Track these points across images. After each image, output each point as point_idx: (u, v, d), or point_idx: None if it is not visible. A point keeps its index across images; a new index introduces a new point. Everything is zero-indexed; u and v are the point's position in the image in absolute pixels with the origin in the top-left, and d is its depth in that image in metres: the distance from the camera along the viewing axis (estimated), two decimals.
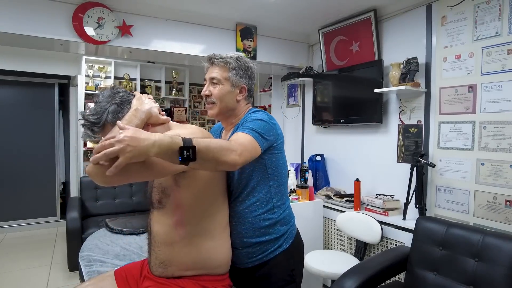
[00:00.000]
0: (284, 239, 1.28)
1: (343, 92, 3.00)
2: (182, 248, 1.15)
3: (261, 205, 1.25)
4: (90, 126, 1.10)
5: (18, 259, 3.44)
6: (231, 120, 1.35)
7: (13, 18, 2.29)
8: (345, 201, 2.70)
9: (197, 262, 1.16)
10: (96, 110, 1.10)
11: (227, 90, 1.28)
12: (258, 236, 1.24)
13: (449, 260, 1.74)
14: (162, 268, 1.17)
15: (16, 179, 4.39)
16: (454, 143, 2.17)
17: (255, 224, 1.24)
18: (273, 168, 1.26)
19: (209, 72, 1.31)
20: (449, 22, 2.19)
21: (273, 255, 1.25)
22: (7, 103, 4.35)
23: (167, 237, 1.16)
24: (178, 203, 1.13)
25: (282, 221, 1.29)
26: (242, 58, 1.32)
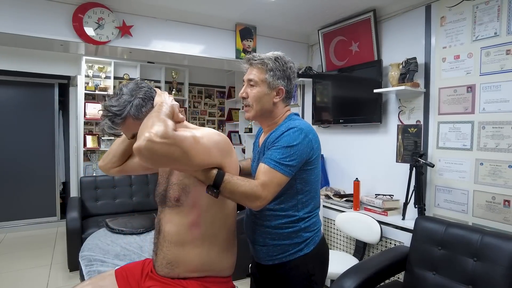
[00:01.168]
0: (305, 244, 1.25)
1: (343, 92, 3.01)
2: (193, 249, 1.15)
3: (287, 216, 1.23)
4: (111, 118, 1.09)
5: (18, 259, 3.44)
6: (268, 123, 1.32)
7: (13, 19, 2.29)
8: (344, 201, 2.71)
9: (205, 264, 1.17)
10: (119, 102, 1.09)
11: (264, 92, 1.25)
12: (280, 239, 1.24)
13: (448, 260, 1.75)
14: (168, 269, 1.17)
15: (16, 179, 4.39)
16: (453, 143, 2.18)
17: (279, 229, 1.24)
18: (303, 183, 1.23)
19: (247, 74, 1.29)
20: (448, 23, 2.19)
21: (292, 257, 1.24)
22: (7, 103, 4.35)
23: (179, 237, 1.15)
24: (195, 203, 1.13)
25: (307, 229, 1.26)
26: (281, 58, 1.28)
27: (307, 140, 1.19)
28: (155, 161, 0.92)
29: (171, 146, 0.90)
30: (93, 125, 4.16)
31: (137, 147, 0.89)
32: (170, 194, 1.17)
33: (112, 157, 1.32)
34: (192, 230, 1.15)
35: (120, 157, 1.32)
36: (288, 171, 1.13)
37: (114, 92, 1.17)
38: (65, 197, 4.73)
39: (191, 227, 1.14)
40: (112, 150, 1.33)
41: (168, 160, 0.93)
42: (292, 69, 1.31)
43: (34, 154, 4.49)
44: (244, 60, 1.31)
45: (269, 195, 1.09)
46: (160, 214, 1.22)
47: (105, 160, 1.34)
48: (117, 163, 1.33)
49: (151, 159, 0.91)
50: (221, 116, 5.35)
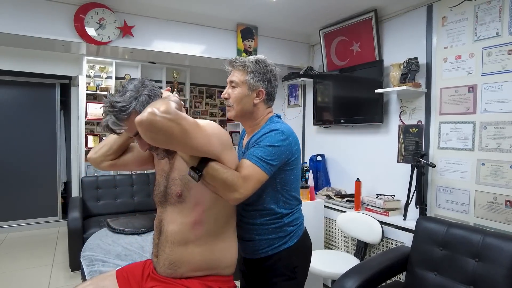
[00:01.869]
0: (289, 237, 1.32)
1: (344, 92, 3.01)
2: (196, 248, 1.15)
3: (271, 213, 1.30)
4: (116, 113, 1.07)
5: (20, 258, 3.45)
6: (250, 123, 1.36)
7: (15, 19, 2.30)
8: (345, 201, 2.71)
9: (208, 262, 1.17)
10: (124, 98, 1.08)
11: (244, 93, 1.30)
12: (266, 234, 1.30)
13: (450, 260, 1.74)
14: (171, 269, 1.16)
15: (17, 179, 4.40)
16: (455, 143, 2.18)
17: (264, 225, 1.30)
18: (283, 183, 1.29)
19: (230, 76, 1.34)
20: (450, 23, 2.19)
21: (278, 250, 1.30)
22: (9, 103, 4.36)
23: (182, 236, 1.14)
24: (198, 199, 1.13)
25: (290, 224, 1.33)
26: (262, 61, 1.32)
27: (287, 142, 1.23)
28: (154, 134, 0.92)
29: (171, 121, 0.91)
30: (94, 125, 4.17)
31: (139, 118, 0.91)
32: (171, 190, 1.16)
33: (108, 149, 1.28)
34: (195, 229, 1.14)
35: (115, 150, 1.28)
36: (268, 169, 1.17)
37: (116, 89, 1.16)
38: (66, 197, 4.74)
39: (194, 225, 1.14)
40: (108, 143, 1.28)
41: (166, 135, 0.92)
42: (273, 72, 1.35)
43: (36, 154, 4.50)
44: (226, 63, 1.36)
45: (248, 190, 1.11)
46: (161, 215, 1.21)
47: (98, 152, 1.28)
48: (111, 157, 1.29)
49: (150, 132, 0.91)
50: (222, 116, 5.36)
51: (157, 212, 1.24)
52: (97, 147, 1.30)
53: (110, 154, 1.28)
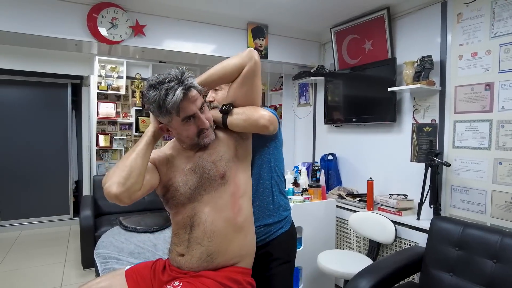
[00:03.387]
0: (285, 222, 1.41)
1: (356, 91, 2.98)
2: (235, 236, 1.17)
3: (267, 191, 1.37)
4: (191, 85, 1.15)
5: (33, 256, 3.50)
6: None
7: (29, 19, 2.33)
8: (357, 200, 2.68)
9: (242, 249, 1.19)
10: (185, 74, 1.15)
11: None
12: (264, 219, 1.36)
13: (466, 261, 1.71)
14: (207, 262, 1.14)
15: (30, 177, 4.47)
16: (470, 142, 2.14)
17: (262, 207, 1.36)
18: (275, 158, 1.40)
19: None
20: (465, 19, 2.15)
21: (275, 235, 1.37)
22: (22, 103, 4.43)
23: (224, 224, 1.14)
24: (236, 181, 1.19)
25: (284, 207, 1.42)
26: None
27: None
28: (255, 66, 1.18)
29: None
30: (105, 124, 4.20)
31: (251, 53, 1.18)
32: (214, 172, 1.16)
33: (138, 175, 1.06)
34: (235, 216, 1.17)
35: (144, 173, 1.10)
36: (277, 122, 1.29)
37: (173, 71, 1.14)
38: (77, 196, 4.79)
39: (233, 212, 1.17)
40: (136, 167, 1.06)
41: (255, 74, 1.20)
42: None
43: (48, 153, 4.56)
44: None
45: (269, 112, 1.23)
46: (192, 211, 1.17)
47: (126, 183, 1.03)
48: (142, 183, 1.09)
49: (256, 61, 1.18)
50: None
51: (183, 211, 1.19)
52: (117, 177, 1.03)
53: (141, 181, 1.08)
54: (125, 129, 4.32)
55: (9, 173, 4.36)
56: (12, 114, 4.36)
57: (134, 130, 4.28)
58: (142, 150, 1.10)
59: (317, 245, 2.48)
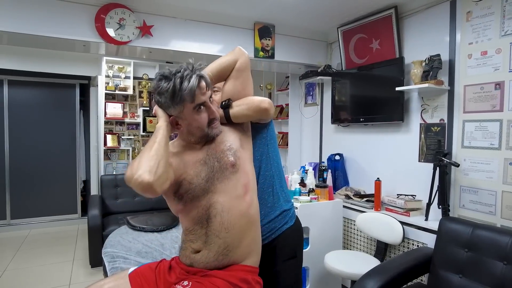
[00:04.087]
0: (289, 217, 1.38)
1: (363, 91, 2.96)
2: (249, 227, 1.18)
3: (267, 183, 1.37)
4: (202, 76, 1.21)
5: (42, 254, 3.54)
6: None
7: (38, 21, 2.36)
8: (365, 201, 2.67)
9: (253, 243, 1.20)
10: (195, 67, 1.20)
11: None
12: (266, 215, 1.34)
13: (475, 263, 1.69)
14: (222, 256, 1.14)
15: (39, 177, 4.52)
16: (480, 142, 2.11)
17: (263, 199, 1.34)
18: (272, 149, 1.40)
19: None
20: (475, 18, 2.13)
21: (280, 231, 1.35)
22: (31, 103, 4.48)
23: (240, 214, 1.15)
24: (245, 170, 1.21)
25: (285, 198, 1.40)
26: None
27: None
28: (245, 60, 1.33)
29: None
30: (113, 124, 4.23)
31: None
32: (224, 161, 1.18)
33: (165, 164, 1.04)
34: (248, 209, 1.19)
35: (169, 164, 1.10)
36: None
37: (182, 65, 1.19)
38: (85, 195, 4.83)
39: (245, 196, 1.19)
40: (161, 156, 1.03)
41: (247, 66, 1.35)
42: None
43: (56, 153, 4.61)
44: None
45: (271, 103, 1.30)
46: (207, 203, 1.16)
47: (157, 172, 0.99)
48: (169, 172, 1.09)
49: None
50: None
51: (198, 204, 1.17)
52: (147, 166, 0.99)
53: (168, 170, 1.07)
54: (132, 129, 4.35)
55: (18, 173, 4.42)
56: (22, 114, 4.42)
57: (142, 130, 4.31)
58: (163, 140, 1.08)
59: (324, 245, 2.47)
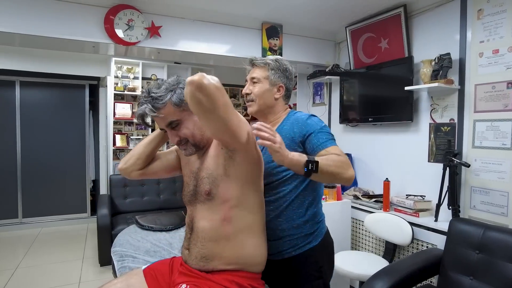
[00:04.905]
0: (313, 237, 1.32)
1: (372, 90, 2.94)
2: (227, 244, 1.16)
3: (298, 202, 1.31)
4: (153, 102, 1.13)
5: (53, 252, 3.59)
6: (270, 118, 1.41)
7: (49, 23, 2.39)
8: (373, 201, 2.65)
9: (240, 258, 1.17)
10: (160, 89, 1.15)
11: (266, 88, 1.37)
12: (290, 230, 1.30)
13: (487, 265, 1.67)
14: (203, 262, 1.18)
15: (49, 177, 4.58)
16: (491, 142, 2.08)
17: (290, 219, 1.30)
18: None
19: (250, 73, 1.41)
20: (486, 16, 2.09)
21: (302, 250, 1.30)
22: (41, 104, 4.55)
23: (214, 233, 1.17)
24: (225, 196, 1.15)
25: (314, 220, 1.34)
26: (281, 60, 1.41)
27: None
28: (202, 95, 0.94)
29: (218, 90, 0.96)
30: (122, 124, 4.27)
31: (191, 78, 0.95)
32: (200, 189, 1.19)
33: (136, 159, 1.33)
34: (224, 225, 1.16)
35: (145, 159, 1.34)
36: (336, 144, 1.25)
37: (152, 84, 1.20)
38: (94, 195, 4.89)
39: (223, 222, 1.16)
40: (136, 152, 1.34)
41: (210, 101, 0.94)
42: (290, 71, 1.44)
43: (66, 152, 4.67)
44: (247, 62, 1.43)
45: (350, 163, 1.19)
46: (191, 213, 1.25)
47: (127, 162, 1.34)
48: (141, 166, 1.34)
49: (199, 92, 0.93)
50: (246, 115, 5.37)
51: (187, 211, 1.28)
52: (126, 157, 1.36)
53: (140, 163, 1.34)
54: (141, 129, 4.38)
55: (30, 172, 4.48)
56: (33, 114, 4.49)
57: (150, 130, 4.34)
58: (144, 141, 1.35)
59: None
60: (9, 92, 4.37)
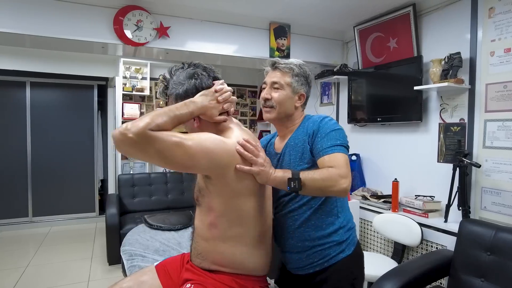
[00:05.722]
0: (346, 245, 1.23)
1: (380, 90, 2.92)
2: (216, 246, 1.17)
3: (325, 209, 1.23)
4: (163, 88, 1.21)
5: (62, 251, 3.63)
6: (287, 126, 1.33)
7: (59, 24, 2.42)
8: (382, 202, 2.63)
9: (232, 263, 1.17)
10: (174, 80, 1.19)
11: (288, 96, 1.28)
12: (320, 239, 1.22)
13: (499, 266, 1.64)
14: (199, 259, 1.21)
15: (58, 176, 4.63)
16: (503, 142, 2.05)
17: (318, 227, 1.22)
18: None
19: (271, 76, 1.32)
20: (498, 14, 2.07)
21: (335, 260, 1.21)
22: (50, 104, 4.60)
23: (204, 232, 1.19)
24: (210, 206, 1.15)
25: (346, 226, 1.25)
26: (303, 65, 1.35)
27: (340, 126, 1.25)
28: (125, 151, 0.96)
29: (139, 144, 0.93)
30: None
31: (113, 133, 0.95)
32: (194, 193, 1.23)
33: None
34: (211, 230, 1.17)
35: None
36: (345, 150, 1.14)
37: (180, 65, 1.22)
38: (103, 194, 4.93)
39: (210, 226, 1.17)
40: None
41: (139, 154, 0.96)
42: (310, 77, 1.39)
43: (75, 152, 4.72)
44: (268, 63, 1.35)
45: (348, 175, 1.08)
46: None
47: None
48: None
49: (120, 149, 0.96)
50: (253, 116, 5.37)
51: None
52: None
53: None
54: None
55: (39, 172, 4.54)
56: (43, 114, 4.54)
57: None
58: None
59: None
60: (20, 93, 4.44)
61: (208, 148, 1.03)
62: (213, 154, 1.04)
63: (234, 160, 1.09)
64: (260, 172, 1.10)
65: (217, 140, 1.07)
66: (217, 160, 1.06)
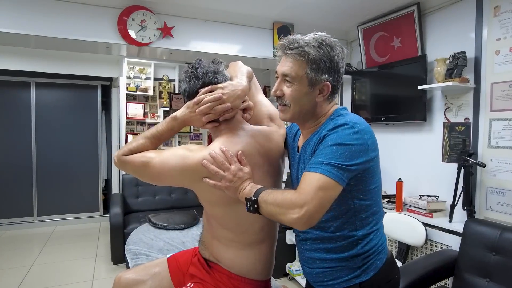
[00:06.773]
0: (362, 270, 1.02)
1: (384, 89, 2.91)
2: (213, 240, 1.23)
3: (342, 236, 1.02)
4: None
5: (67, 250, 3.65)
6: (310, 124, 1.08)
7: (64, 24, 2.43)
8: (386, 202, 2.62)
9: (225, 259, 1.20)
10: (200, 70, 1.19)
11: (304, 91, 1.00)
12: (332, 261, 1.04)
13: (504, 267, 1.63)
14: (203, 246, 1.29)
15: (63, 176, 4.67)
16: (508, 141, 2.04)
17: (332, 253, 1.04)
18: (360, 194, 1.00)
19: (281, 65, 1.03)
20: (503, 12, 2.05)
21: (346, 285, 1.02)
22: (54, 104, 4.63)
23: (205, 224, 1.29)
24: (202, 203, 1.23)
25: (366, 253, 1.02)
26: (325, 42, 1.02)
27: (361, 138, 0.94)
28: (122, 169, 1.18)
29: (122, 165, 1.14)
30: (134, 124, 4.32)
31: (114, 155, 1.16)
32: None
33: None
34: (208, 224, 1.25)
35: None
36: (335, 174, 0.88)
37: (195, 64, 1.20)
38: (107, 194, 4.95)
39: (207, 221, 1.26)
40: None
41: (128, 172, 1.18)
42: (340, 55, 1.03)
43: (80, 152, 4.75)
44: (278, 47, 1.06)
45: (308, 204, 0.85)
46: None
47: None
48: None
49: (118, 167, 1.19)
50: None
51: None
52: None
53: None
54: None
55: (44, 171, 4.57)
56: (47, 114, 4.58)
57: None
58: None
59: None
60: (25, 93, 4.47)
61: (170, 165, 1.08)
62: (174, 172, 1.08)
63: (200, 173, 1.06)
64: (228, 187, 1.00)
65: (178, 157, 1.08)
66: (180, 176, 1.09)
